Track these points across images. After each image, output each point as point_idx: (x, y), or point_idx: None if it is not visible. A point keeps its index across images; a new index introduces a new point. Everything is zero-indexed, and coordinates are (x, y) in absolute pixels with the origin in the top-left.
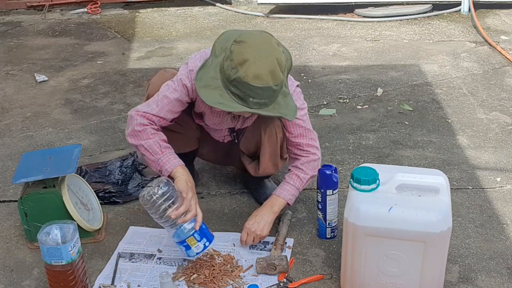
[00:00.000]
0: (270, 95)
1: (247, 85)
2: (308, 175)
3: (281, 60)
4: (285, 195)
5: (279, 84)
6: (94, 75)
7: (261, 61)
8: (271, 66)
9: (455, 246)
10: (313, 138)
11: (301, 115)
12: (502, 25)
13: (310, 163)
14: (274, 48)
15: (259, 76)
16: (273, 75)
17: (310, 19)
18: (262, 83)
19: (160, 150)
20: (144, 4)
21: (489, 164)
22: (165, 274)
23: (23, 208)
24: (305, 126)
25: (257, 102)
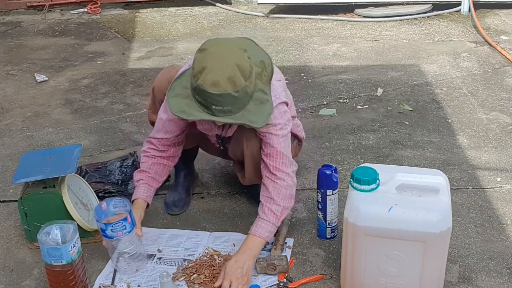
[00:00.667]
0: (232, 102)
1: (206, 93)
2: (280, 206)
3: (243, 66)
4: (262, 233)
5: (241, 90)
6: (94, 75)
7: (219, 67)
8: (230, 73)
9: (455, 246)
10: (284, 163)
11: (278, 134)
12: (502, 25)
13: (280, 191)
14: (235, 54)
15: (216, 83)
16: (232, 81)
17: (310, 19)
18: (220, 90)
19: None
20: (144, 4)
21: (489, 164)
22: (165, 274)
23: (23, 208)
24: (277, 148)
25: (220, 110)
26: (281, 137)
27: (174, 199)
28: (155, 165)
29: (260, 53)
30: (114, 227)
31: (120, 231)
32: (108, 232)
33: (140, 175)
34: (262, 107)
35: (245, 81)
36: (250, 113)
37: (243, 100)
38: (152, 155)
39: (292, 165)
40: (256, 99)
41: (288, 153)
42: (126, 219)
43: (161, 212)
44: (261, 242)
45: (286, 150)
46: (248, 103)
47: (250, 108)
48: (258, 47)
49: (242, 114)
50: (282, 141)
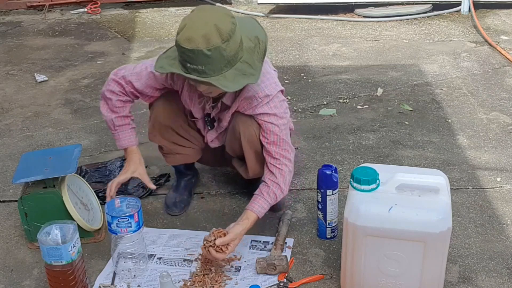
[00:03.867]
0: (205, 61)
1: (180, 48)
2: (283, 193)
3: (222, 28)
4: (260, 211)
5: (214, 50)
6: (94, 75)
7: (196, 25)
8: (206, 31)
9: (455, 246)
10: (287, 149)
11: (279, 123)
12: (502, 25)
13: (286, 178)
14: (218, 17)
15: (190, 38)
16: (206, 39)
17: (310, 19)
18: (192, 45)
19: (114, 127)
20: (144, 4)
21: (489, 164)
22: (165, 274)
23: (23, 208)
24: (281, 136)
25: (194, 69)
26: (283, 125)
27: (175, 200)
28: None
29: (258, 30)
30: (120, 222)
31: (125, 228)
32: (113, 226)
33: (124, 120)
34: (242, 78)
35: (221, 42)
36: (225, 79)
37: (217, 62)
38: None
39: (293, 152)
40: (238, 69)
41: (289, 139)
42: (132, 216)
43: (161, 212)
44: (256, 218)
45: (287, 137)
46: (227, 69)
47: (227, 75)
48: (258, 25)
49: (217, 78)
50: (284, 129)
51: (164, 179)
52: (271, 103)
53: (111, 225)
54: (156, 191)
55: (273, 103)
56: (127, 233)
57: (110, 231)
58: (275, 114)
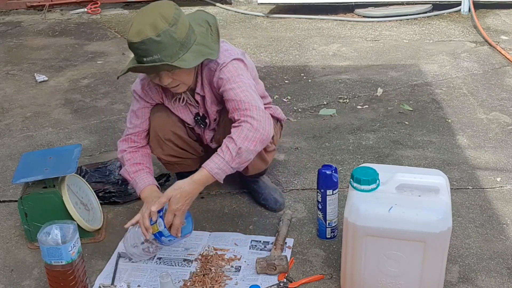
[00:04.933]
0: (158, 48)
1: (133, 45)
2: (236, 145)
3: (166, 13)
4: (211, 167)
5: (163, 34)
6: (94, 75)
7: (141, 18)
8: (151, 19)
9: (455, 246)
10: (247, 108)
11: (233, 87)
12: (502, 25)
13: (242, 132)
14: (160, 6)
15: (138, 31)
16: (153, 26)
17: (310, 19)
18: (142, 36)
19: (130, 176)
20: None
21: (489, 164)
22: (165, 274)
23: (23, 208)
24: (237, 99)
25: (151, 60)
26: (237, 88)
27: None
28: (144, 156)
29: (206, 16)
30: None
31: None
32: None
33: (136, 166)
34: (201, 57)
35: (169, 26)
36: (184, 61)
37: (171, 46)
38: (135, 150)
39: (258, 110)
40: (194, 51)
41: (253, 101)
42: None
43: None
44: (208, 175)
45: (248, 98)
46: (183, 53)
47: (185, 58)
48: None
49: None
50: (240, 92)
51: (164, 179)
52: (224, 69)
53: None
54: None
55: (226, 68)
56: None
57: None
58: (228, 78)
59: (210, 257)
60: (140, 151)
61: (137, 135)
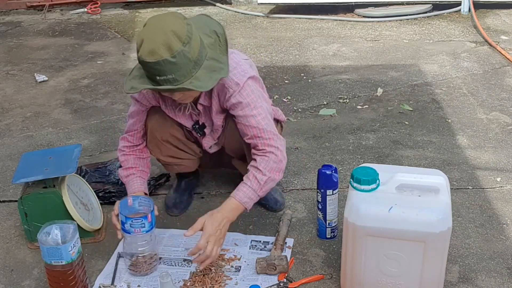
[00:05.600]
0: (173, 69)
1: (145, 63)
2: (265, 176)
3: (179, 31)
4: (241, 197)
5: (178, 55)
6: (94, 75)
7: (154, 36)
8: (165, 39)
9: (455, 246)
10: (271, 138)
11: (255, 114)
12: (502, 25)
13: (269, 164)
14: (171, 22)
15: (152, 51)
16: (167, 47)
17: (310, 19)
18: (156, 57)
19: (122, 180)
20: (144, 4)
21: (489, 164)
22: (165, 274)
23: (23, 208)
24: (259, 126)
25: (165, 79)
26: (258, 115)
27: (175, 200)
28: (138, 159)
29: (213, 24)
30: (134, 223)
31: (138, 228)
32: (127, 226)
33: (128, 171)
34: (213, 74)
35: (183, 46)
36: (198, 80)
37: (185, 66)
38: (130, 151)
39: (279, 139)
40: (206, 67)
41: (273, 129)
42: (146, 217)
43: (161, 212)
44: (238, 206)
45: (269, 126)
46: (196, 71)
47: (199, 76)
48: (212, 19)
49: (189, 82)
50: (261, 119)
51: (164, 179)
52: (243, 91)
53: (124, 225)
54: (156, 191)
55: (245, 91)
56: (140, 233)
57: (123, 231)
58: (248, 103)
59: None
60: (133, 154)
61: (132, 135)
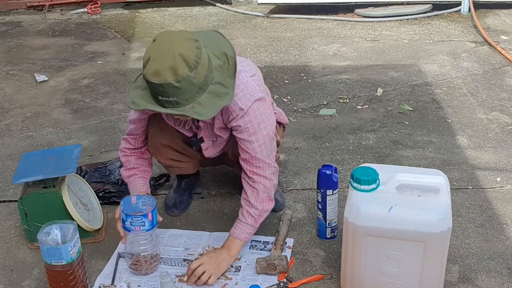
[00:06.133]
0: (176, 93)
1: (149, 83)
2: (258, 209)
3: (187, 56)
4: (240, 235)
5: (183, 80)
6: (94, 75)
7: (161, 57)
8: (172, 62)
9: (455, 246)
10: (260, 167)
11: (253, 140)
12: (502, 25)
13: (258, 195)
14: (181, 44)
15: (157, 72)
16: (173, 71)
17: (310, 19)
18: (160, 79)
19: (125, 180)
20: (144, 4)
21: (489, 164)
22: (165, 274)
23: (23, 208)
24: (252, 154)
25: (167, 101)
26: (255, 142)
27: (175, 200)
28: (139, 159)
29: (224, 45)
30: (134, 221)
31: (138, 226)
32: (127, 223)
33: (130, 171)
34: (217, 101)
35: (189, 71)
36: (200, 105)
37: (189, 91)
38: (131, 152)
39: (270, 168)
40: (211, 92)
41: (266, 157)
42: (146, 215)
43: (161, 212)
44: (239, 243)
45: (262, 154)
46: (200, 95)
47: (202, 101)
48: (224, 39)
49: (191, 106)
50: (257, 147)
51: (164, 179)
52: (245, 117)
53: (125, 223)
54: (156, 191)
55: (248, 117)
56: (141, 232)
57: (124, 228)
58: (248, 128)
59: None
60: (135, 155)
61: (133, 139)
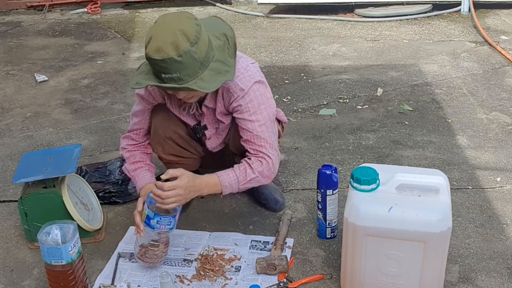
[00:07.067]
0: (178, 68)
1: (152, 60)
2: (254, 174)
3: (187, 31)
4: (224, 178)
5: (185, 54)
6: (94, 75)
7: (162, 34)
8: (173, 38)
9: (455, 246)
10: (262, 145)
11: (254, 119)
12: (502, 25)
13: (261, 166)
14: (181, 21)
15: (159, 48)
16: (174, 46)
17: (310, 19)
18: (162, 55)
19: (130, 174)
20: (144, 4)
21: (489, 164)
22: (165, 274)
23: (23, 208)
24: (254, 132)
25: (170, 78)
26: (256, 121)
27: None
28: (144, 154)
29: (224, 27)
30: (162, 220)
31: (164, 225)
32: (153, 222)
33: (136, 164)
34: (218, 77)
35: (190, 46)
36: (202, 81)
37: (191, 66)
38: (134, 148)
39: (272, 149)
40: (213, 69)
41: (268, 137)
42: (174, 216)
43: None
44: (216, 185)
45: (264, 134)
46: (202, 71)
47: (204, 77)
48: (223, 22)
49: (194, 82)
50: (258, 126)
51: None
52: (246, 97)
53: (150, 220)
54: None
55: (248, 97)
56: (165, 230)
57: (147, 224)
58: (248, 108)
59: (210, 257)
60: (139, 150)
61: (136, 134)
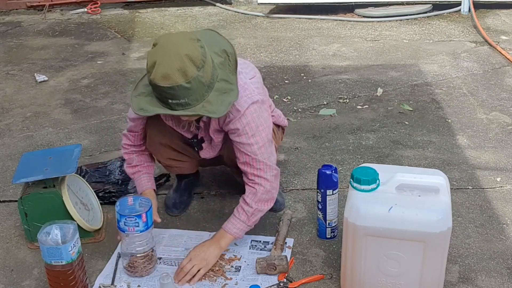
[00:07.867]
0: (186, 94)
1: (158, 87)
2: (252, 208)
3: (193, 56)
4: (232, 229)
5: (193, 81)
6: (94, 75)
7: (168, 60)
8: (179, 64)
9: (455, 246)
10: (261, 169)
11: (252, 142)
12: (502, 25)
13: (256, 196)
14: (185, 45)
15: (166, 75)
16: (182, 72)
17: (310, 19)
18: (170, 82)
19: (130, 177)
20: (144, 4)
21: (489, 164)
22: (165, 275)
23: (23, 208)
24: (252, 156)
25: (177, 103)
26: (255, 144)
27: (175, 200)
28: (141, 155)
29: (223, 43)
30: (128, 221)
31: (132, 227)
32: (121, 223)
33: (134, 168)
34: (224, 97)
35: (197, 71)
36: (210, 104)
37: (198, 91)
38: (132, 150)
39: (271, 170)
40: (218, 89)
41: (267, 159)
42: (140, 216)
43: (161, 212)
44: (229, 237)
45: (263, 156)
46: (208, 94)
47: (211, 99)
48: (221, 37)
49: (202, 106)
50: (256, 149)
51: (164, 179)
52: (243, 119)
53: (119, 223)
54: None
55: (245, 119)
56: (135, 232)
57: (118, 228)
58: (246, 131)
59: None
60: (136, 152)
61: (133, 136)
